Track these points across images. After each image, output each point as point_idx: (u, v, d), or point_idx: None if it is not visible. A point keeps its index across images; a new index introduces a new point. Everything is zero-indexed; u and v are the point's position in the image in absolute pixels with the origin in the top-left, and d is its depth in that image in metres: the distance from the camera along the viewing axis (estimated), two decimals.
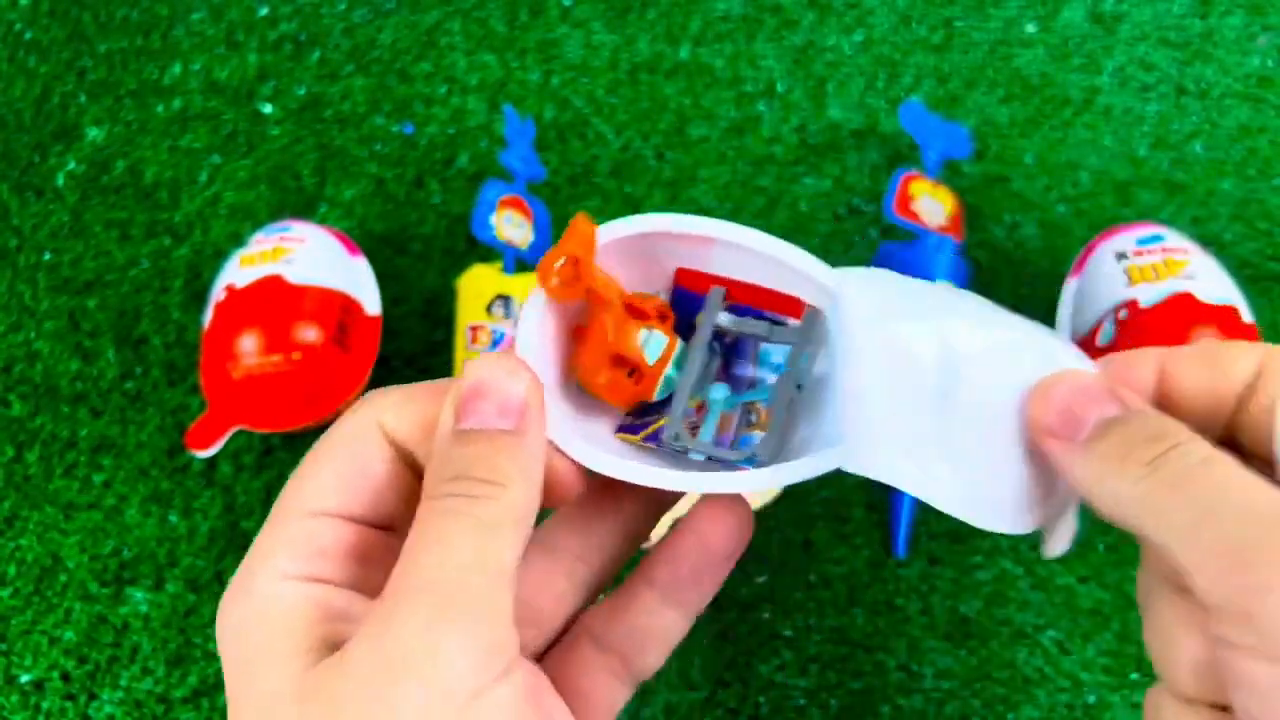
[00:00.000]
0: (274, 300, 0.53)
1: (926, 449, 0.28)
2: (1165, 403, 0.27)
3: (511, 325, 0.55)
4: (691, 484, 0.29)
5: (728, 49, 0.67)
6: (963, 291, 0.31)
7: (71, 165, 0.65)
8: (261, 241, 0.56)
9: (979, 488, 0.28)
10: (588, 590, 0.30)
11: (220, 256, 0.62)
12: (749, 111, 0.65)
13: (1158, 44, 0.65)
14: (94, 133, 0.66)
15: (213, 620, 0.53)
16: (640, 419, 0.32)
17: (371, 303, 0.56)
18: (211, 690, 0.51)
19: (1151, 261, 0.52)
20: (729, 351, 0.33)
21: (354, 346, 0.54)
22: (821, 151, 0.63)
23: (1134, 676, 0.49)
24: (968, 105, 0.64)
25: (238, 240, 0.62)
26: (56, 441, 0.58)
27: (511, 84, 0.66)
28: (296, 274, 0.54)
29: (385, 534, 0.27)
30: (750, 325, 0.32)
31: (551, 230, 0.61)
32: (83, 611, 0.54)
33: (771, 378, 0.32)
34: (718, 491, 0.29)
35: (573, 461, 0.28)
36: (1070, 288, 0.55)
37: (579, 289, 0.29)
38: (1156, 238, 0.53)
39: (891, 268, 0.58)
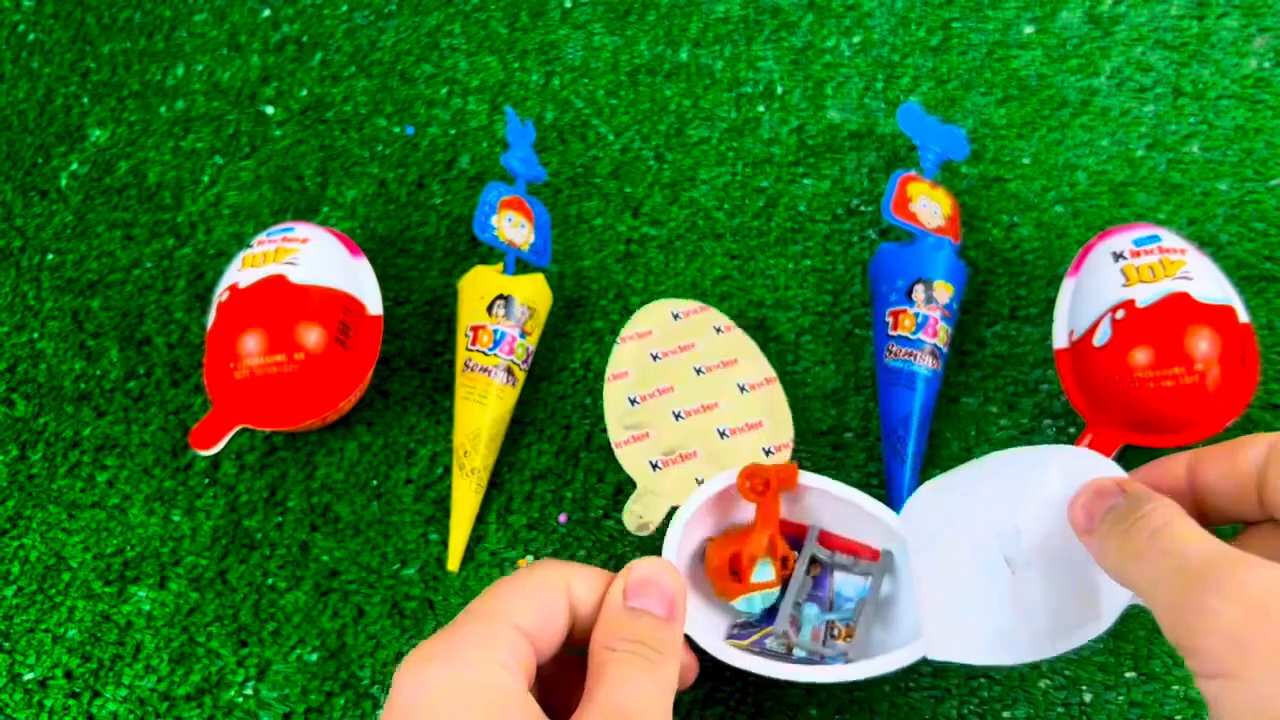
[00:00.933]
0: (277, 300, 0.53)
1: (999, 618, 0.40)
2: (1198, 495, 0.35)
3: (512, 325, 0.56)
4: (803, 675, 0.43)
5: (727, 51, 0.67)
6: (1000, 460, 0.43)
7: (75, 166, 0.66)
8: (264, 242, 0.56)
9: (1065, 617, 0.39)
10: None
11: (223, 257, 0.62)
12: (748, 113, 0.65)
13: (1155, 45, 0.65)
14: (97, 134, 0.67)
15: (216, 619, 0.53)
16: (743, 631, 0.46)
17: (373, 303, 0.56)
18: (214, 688, 0.52)
19: (1148, 262, 0.52)
20: (814, 581, 0.48)
21: (356, 346, 0.54)
22: (820, 153, 0.64)
23: (1129, 675, 0.50)
24: (965, 106, 0.64)
25: (240, 241, 0.62)
26: (60, 441, 0.58)
27: (512, 86, 0.67)
28: (299, 274, 0.54)
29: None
30: (839, 558, 0.48)
31: (551, 231, 0.61)
32: (86, 610, 0.54)
33: (849, 604, 0.48)
34: (825, 681, 0.43)
35: (694, 654, 0.42)
36: (1068, 288, 0.55)
37: (765, 499, 0.45)
38: (1153, 238, 0.53)
39: (890, 268, 0.59)
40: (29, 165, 0.66)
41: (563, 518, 0.55)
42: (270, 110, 0.67)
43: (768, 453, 0.52)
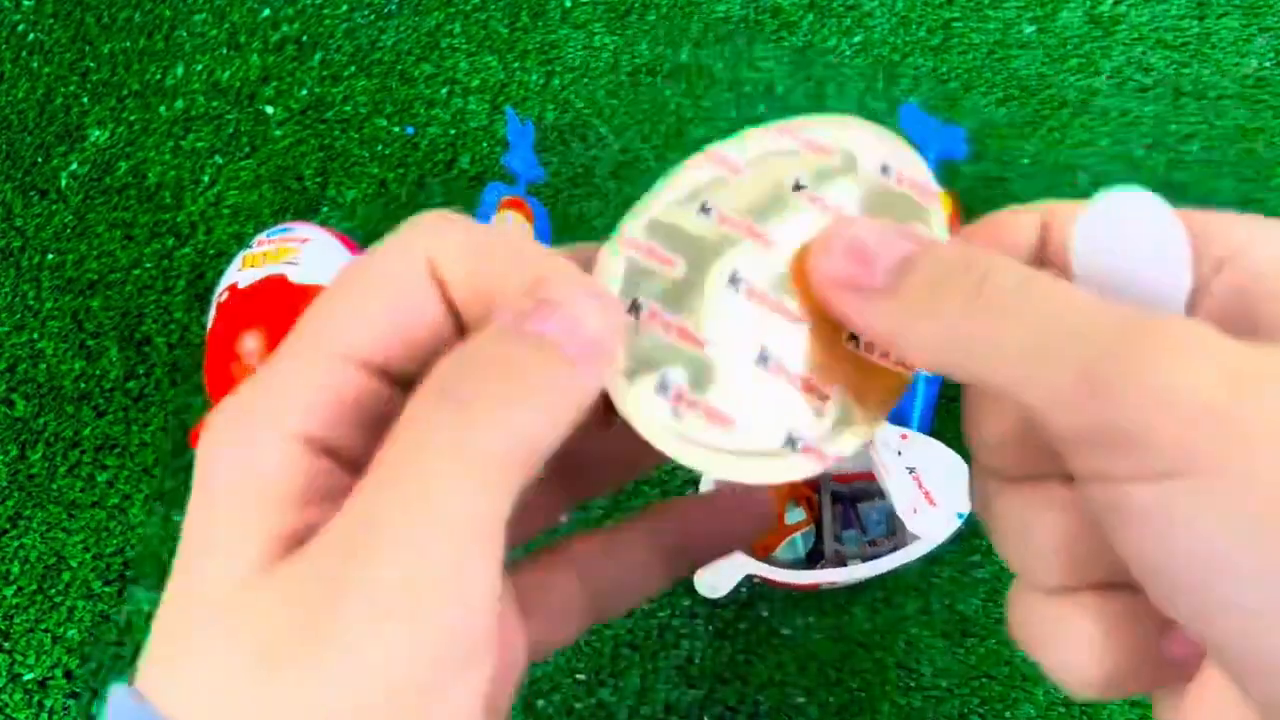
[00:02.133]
0: (276, 300, 0.53)
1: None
2: (1055, 265, 0.23)
3: None
4: (880, 567, 0.49)
5: (727, 51, 0.67)
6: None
7: (75, 166, 0.66)
8: (264, 242, 0.56)
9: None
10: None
11: (223, 257, 0.62)
12: (749, 113, 0.65)
13: (1155, 46, 0.65)
14: (97, 134, 0.66)
15: None
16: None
17: None
18: None
19: None
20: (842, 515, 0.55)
21: None
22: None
23: None
24: (966, 107, 0.64)
25: (240, 241, 0.62)
26: (60, 441, 0.58)
27: (513, 86, 0.67)
28: (299, 274, 0.54)
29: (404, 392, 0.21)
30: (857, 487, 0.55)
31: (552, 231, 0.61)
32: (86, 610, 0.54)
33: (879, 526, 0.55)
34: (894, 566, 0.49)
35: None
36: None
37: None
38: None
39: None
40: (29, 165, 0.66)
41: (564, 516, 0.55)
42: (270, 110, 0.67)
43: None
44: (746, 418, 0.22)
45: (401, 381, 0.21)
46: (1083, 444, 0.19)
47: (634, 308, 0.23)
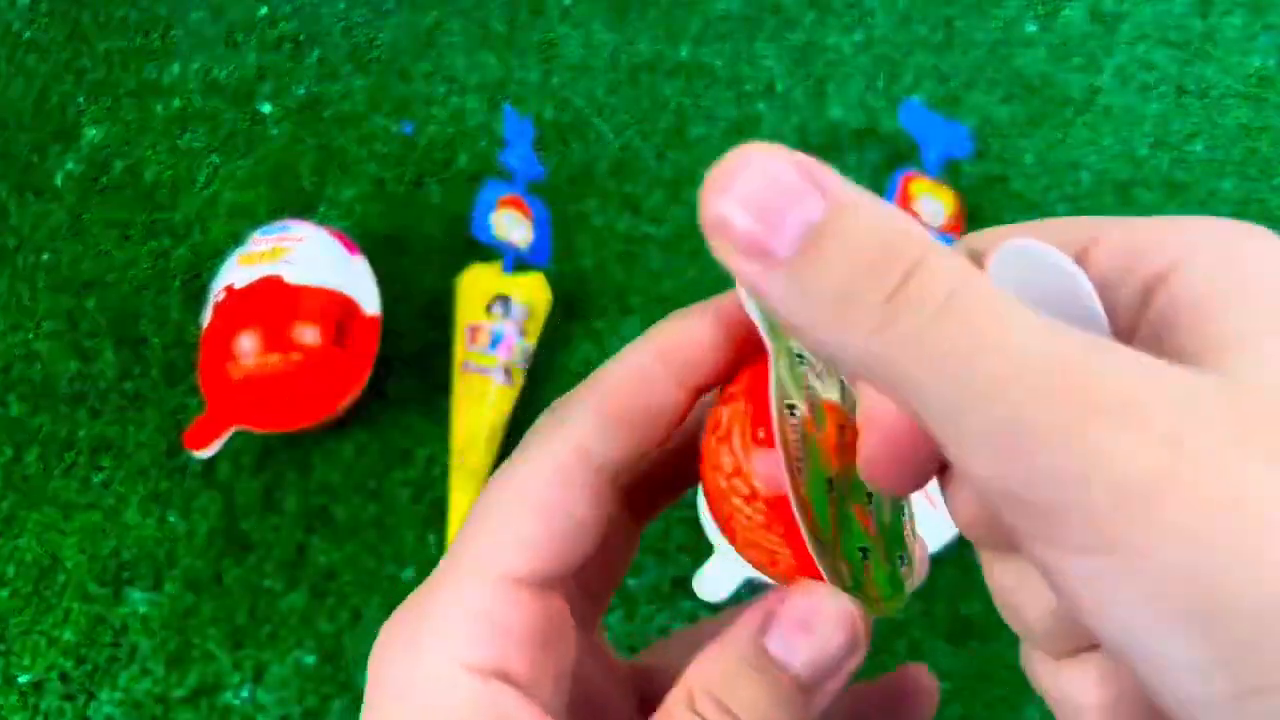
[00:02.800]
0: (273, 300, 0.53)
1: None
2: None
3: (511, 325, 0.55)
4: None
5: (728, 49, 0.67)
6: None
7: (70, 165, 0.65)
8: (260, 241, 0.56)
9: None
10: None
11: (219, 256, 0.62)
12: (749, 111, 0.65)
13: (1158, 44, 0.65)
14: (93, 133, 0.66)
15: (212, 621, 0.52)
16: None
17: (370, 303, 0.56)
18: (210, 690, 0.51)
19: None
20: None
21: (353, 346, 0.54)
22: (821, 151, 0.63)
23: None
24: (968, 105, 0.64)
25: (237, 240, 0.62)
26: (55, 442, 0.58)
27: (511, 84, 0.66)
28: (295, 274, 0.54)
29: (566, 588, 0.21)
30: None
31: (551, 230, 0.61)
32: (81, 612, 0.54)
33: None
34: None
35: None
36: None
37: None
38: None
39: None
40: (24, 164, 0.65)
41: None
42: (267, 108, 0.66)
43: None
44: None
45: (555, 583, 0.21)
46: (1005, 500, 0.16)
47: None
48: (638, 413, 0.21)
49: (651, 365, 0.21)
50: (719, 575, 0.51)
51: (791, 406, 0.20)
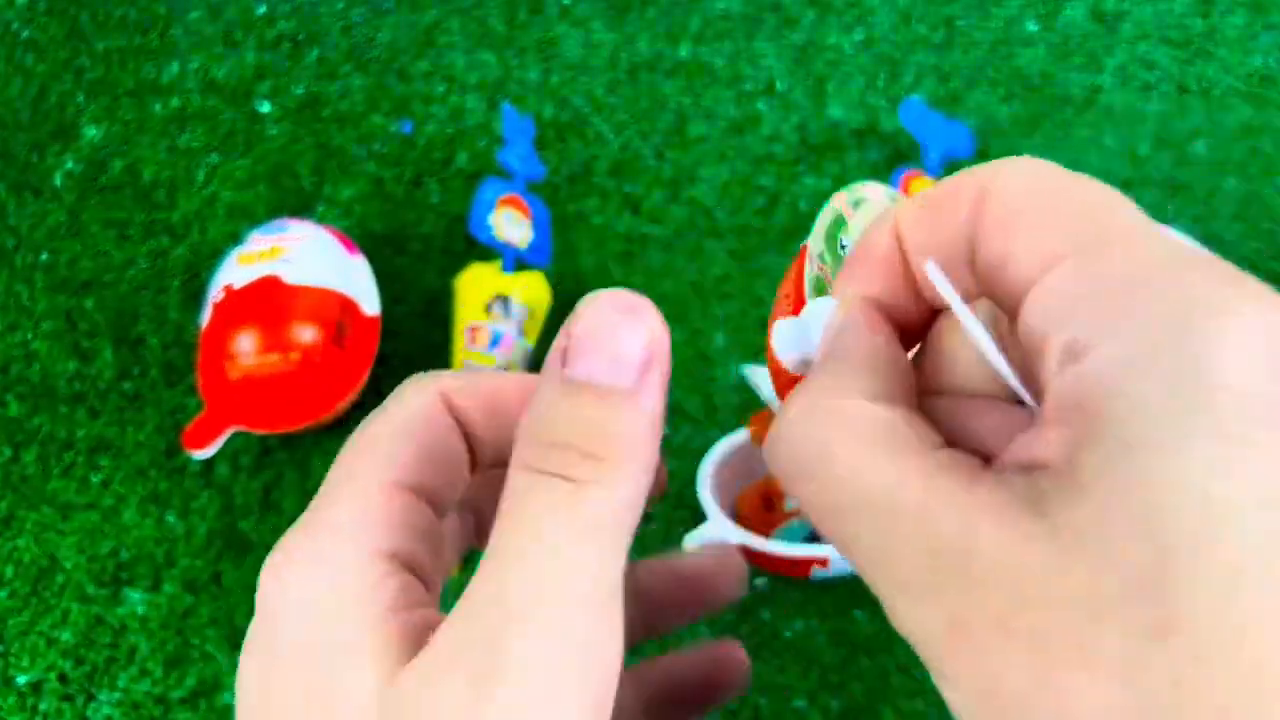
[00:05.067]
0: (272, 300, 0.53)
1: None
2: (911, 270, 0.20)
3: (511, 325, 0.55)
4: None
5: (728, 47, 0.67)
6: None
7: (69, 165, 0.65)
8: (259, 240, 0.56)
9: None
10: None
11: (218, 256, 0.61)
12: (749, 110, 0.65)
13: (1159, 42, 0.65)
14: (92, 132, 0.66)
15: (211, 621, 0.52)
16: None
17: (370, 302, 0.56)
18: (209, 691, 0.51)
19: None
20: None
21: (352, 346, 0.54)
22: (822, 150, 0.63)
23: None
24: (969, 104, 0.64)
25: (236, 240, 0.62)
26: (54, 442, 0.57)
27: (510, 83, 0.66)
28: (294, 274, 0.54)
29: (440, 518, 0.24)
30: None
31: (551, 229, 0.61)
32: (80, 612, 0.53)
33: None
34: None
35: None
36: None
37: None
38: None
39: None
40: (23, 163, 0.65)
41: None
42: (266, 108, 0.66)
43: None
44: None
45: (432, 501, 0.23)
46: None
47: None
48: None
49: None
50: (712, 539, 0.51)
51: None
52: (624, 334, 0.21)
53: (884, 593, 0.17)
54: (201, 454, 0.53)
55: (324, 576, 0.21)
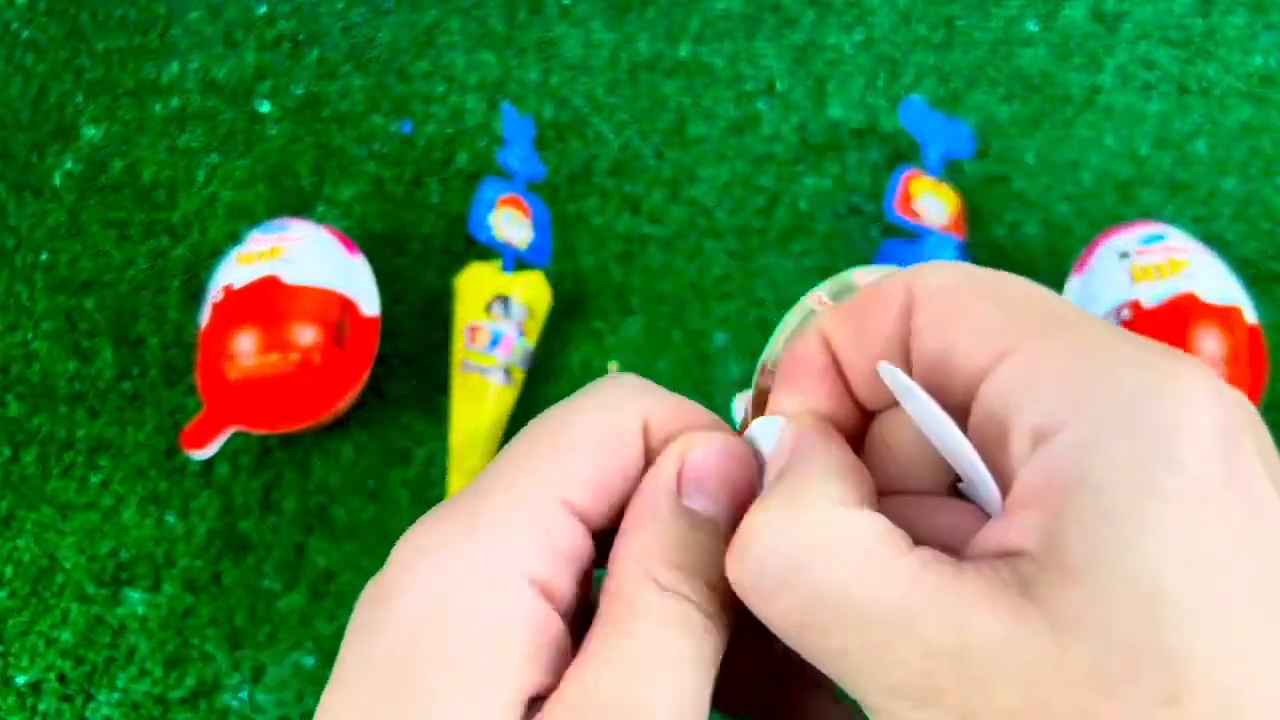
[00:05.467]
0: (271, 300, 0.53)
1: None
2: (846, 375, 0.21)
3: (510, 325, 0.55)
4: None
5: (728, 48, 0.66)
6: None
7: (69, 165, 0.65)
8: (259, 240, 0.56)
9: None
10: None
11: (218, 256, 0.61)
12: (749, 110, 0.65)
13: (1160, 42, 0.65)
14: (91, 132, 0.66)
15: (211, 622, 0.52)
16: None
17: (369, 303, 0.56)
18: (209, 691, 0.51)
19: (1154, 261, 0.52)
20: None
21: (352, 346, 0.54)
22: (822, 150, 0.63)
23: None
24: (969, 104, 0.64)
25: (236, 240, 0.62)
26: (54, 442, 0.57)
27: (510, 83, 0.66)
28: (294, 274, 0.53)
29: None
30: None
31: (551, 229, 0.61)
32: (80, 613, 0.53)
33: None
34: None
35: None
36: (1073, 286, 0.54)
37: None
38: (1159, 237, 0.53)
39: (893, 265, 0.59)
40: (23, 164, 0.65)
41: None
42: (266, 108, 0.66)
43: None
44: None
45: (592, 525, 0.21)
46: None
47: None
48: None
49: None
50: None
51: None
52: (736, 469, 0.21)
53: (879, 703, 0.16)
54: (201, 454, 0.53)
55: (472, 589, 0.19)
